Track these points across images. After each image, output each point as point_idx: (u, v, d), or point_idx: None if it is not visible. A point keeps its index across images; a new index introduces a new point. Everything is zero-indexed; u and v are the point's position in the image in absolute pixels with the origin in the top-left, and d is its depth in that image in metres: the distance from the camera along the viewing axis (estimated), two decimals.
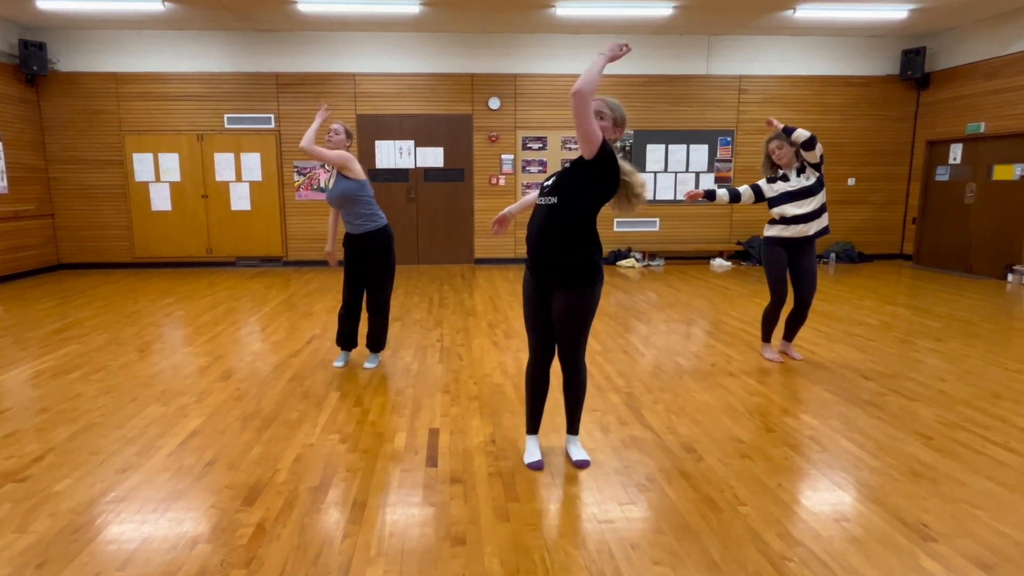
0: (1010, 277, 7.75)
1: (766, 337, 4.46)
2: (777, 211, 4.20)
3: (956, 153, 8.77)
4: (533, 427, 2.85)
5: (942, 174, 9.02)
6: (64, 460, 2.85)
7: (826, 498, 2.50)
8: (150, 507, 2.44)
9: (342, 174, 3.98)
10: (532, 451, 2.81)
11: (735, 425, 3.23)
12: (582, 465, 2.77)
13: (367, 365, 4.26)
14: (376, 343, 4.27)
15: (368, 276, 4.12)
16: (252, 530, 2.28)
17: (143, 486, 2.61)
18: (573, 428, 2.85)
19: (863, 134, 9.41)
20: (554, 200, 2.53)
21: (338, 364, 4.29)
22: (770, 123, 4.17)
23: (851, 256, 9.50)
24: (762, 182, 4.30)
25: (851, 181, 9.54)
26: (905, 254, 9.70)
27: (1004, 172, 8.05)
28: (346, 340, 4.28)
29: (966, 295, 6.90)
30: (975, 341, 4.90)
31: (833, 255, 9.49)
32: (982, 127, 8.24)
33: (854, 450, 2.94)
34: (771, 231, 4.29)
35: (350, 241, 4.11)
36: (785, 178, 4.21)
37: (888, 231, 9.74)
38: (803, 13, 7.80)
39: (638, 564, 2.07)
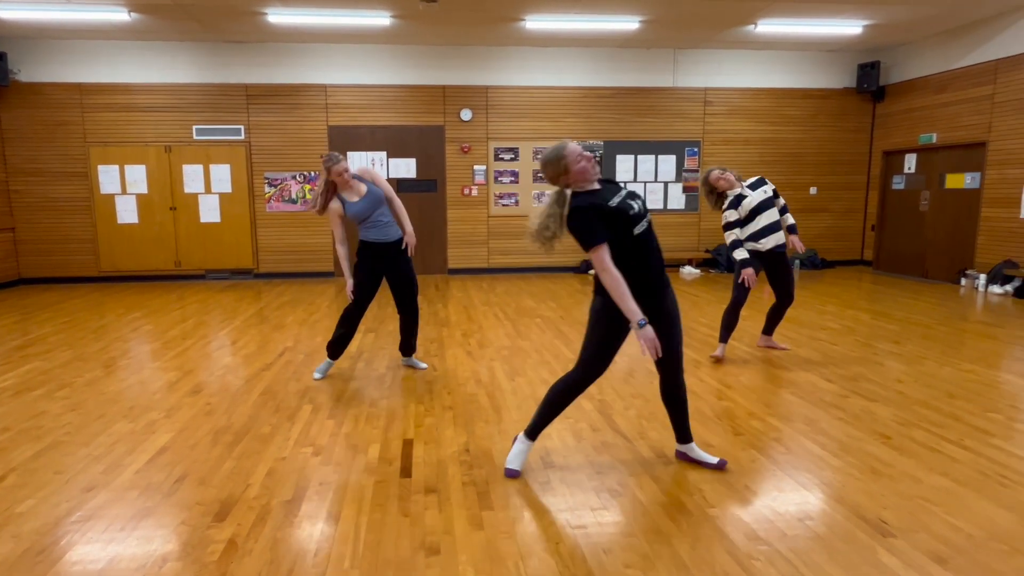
0: (963, 281, 8.07)
1: (723, 338, 4.56)
2: (755, 222, 4.31)
3: (911, 163, 9.12)
4: (535, 434, 2.82)
5: (898, 183, 9.37)
6: (27, 480, 2.78)
7: (791, 498, 2.58)
8: (118, 526, 2.40)
9: (371, 184, 4.02)
10: (518, 459, 2.80)
11: (704, 429, 3.31)
12: (722, 466, 2.83)
13: (422, 366, 4.45)
14: (414, 344, 4.40)
15: (410, 279, 4.14)
16: (223, 546, 2.26)
17: (110, 504, 2.56)
18: (690, 435, 2.89)
19: (823, 144, 9.72)
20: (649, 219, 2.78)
21: (317, 376, 4.20)
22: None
23: (814, 263, 9.77)
24: (728, 214, 4.30)
25: (813, 190, 9.83)
26: (865, 260, 10.02)
27: (955, 181, 8.40)
28: (341, 346, 4.17)
29: (923, 299, 7.16)
30: (931, 344, 5.09)
31: (797, 261, 9.75)
32: (934, 138, 8.60)
33: (817, 451, 3.04)
34: (748, 247, 4.36)
35: (379, 250, 4.00)
36: (742, 195, 4.31)
37: (849, 238, 10.05)
38: (764, 28, 8.06)
39: (610, 568, 2.12)
